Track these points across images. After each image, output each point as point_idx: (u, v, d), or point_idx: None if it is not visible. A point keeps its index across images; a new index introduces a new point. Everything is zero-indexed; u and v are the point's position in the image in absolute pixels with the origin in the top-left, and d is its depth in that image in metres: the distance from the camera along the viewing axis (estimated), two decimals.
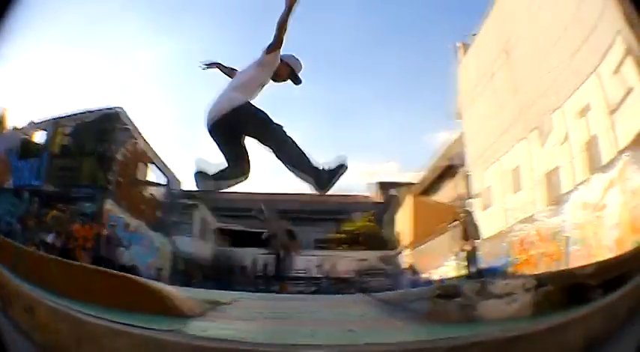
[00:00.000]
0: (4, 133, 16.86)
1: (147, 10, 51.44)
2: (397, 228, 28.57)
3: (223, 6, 49.60)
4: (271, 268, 27.10)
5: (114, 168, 18.05)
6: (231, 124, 4.21)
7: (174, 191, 24.24)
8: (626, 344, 2.37)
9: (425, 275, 21.18)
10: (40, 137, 17.74)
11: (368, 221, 33.43)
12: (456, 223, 16.73)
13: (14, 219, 14.69)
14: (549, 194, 12.67)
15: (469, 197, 19.24)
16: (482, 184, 17.80)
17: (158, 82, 49.96)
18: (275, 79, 4.61)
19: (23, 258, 4.31)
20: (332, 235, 33.14)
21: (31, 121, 17.45)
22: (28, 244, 12.19)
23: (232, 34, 52.00)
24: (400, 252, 26.74)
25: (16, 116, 17.32)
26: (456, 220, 16.83)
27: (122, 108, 18.92)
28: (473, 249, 15.16)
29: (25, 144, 17.28)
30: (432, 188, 27.78)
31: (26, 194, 15.54)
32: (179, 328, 3.29)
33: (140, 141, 20.38)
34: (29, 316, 2.33)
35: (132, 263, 16.96)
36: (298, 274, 27.76)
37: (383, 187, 35.53)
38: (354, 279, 27.23)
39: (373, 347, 2.91)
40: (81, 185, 16.84)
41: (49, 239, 14.53)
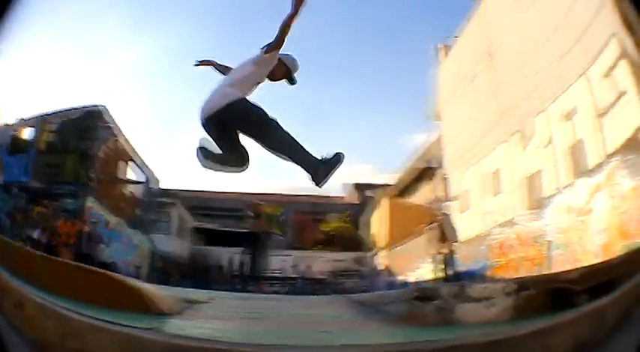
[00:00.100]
0: None
1: (127, 9, 51.14)
2: (373, 230, 28.70)
3: (203, 4, 49.38)
4: (247, 267, 27.33)
5: (95, 165, 18.42)
6: (225, 119, 4.22)
7: (152, 189, 24.49)
8: (616, 351, 2.29)
9: (401, 277, 21.27)
10: (28, 134, 18.10)
11: (343, 222, 33.56)
12: (433, 225, 16.77)
13: (3, 215, 14.83)
14: (530, 198, 12.75)
15: (447, 199, 19.34)
16: (460, 187, 17.89)
17: (137, 80, 49.60)
18: (271, 78, 4.61)
19: (12, 253, 4.48)
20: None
21: (21, 118, 17.71)
22: (17, 239, 12.47)
23: (212, 32, 51.94)
24: (376, 254, 26.83)
25: (7, 112, 17.25)
26: (433, 222, 16.88)
27: (104, 106, 19.26)
28: (450, 252, 15.25)
29: (14, 140, 17.53)
30: (409, 190, 27.97)
31: (15, 190, 15.76)
32: (157, 326, 3.41)
33: (121, 139, 20.67)
34: (19, 311, 2.35)
35: (111, 260, 17.33)
36: (274, 274, 28.19)
37: (359, 188, 35.63)
38: (329, 280, 27.41)
39: (350, 348, 2.92)
40: (64, 182, 17.11)
41: (35, 234, 14.83)
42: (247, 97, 4.39)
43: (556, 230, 10.86)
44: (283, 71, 4.58)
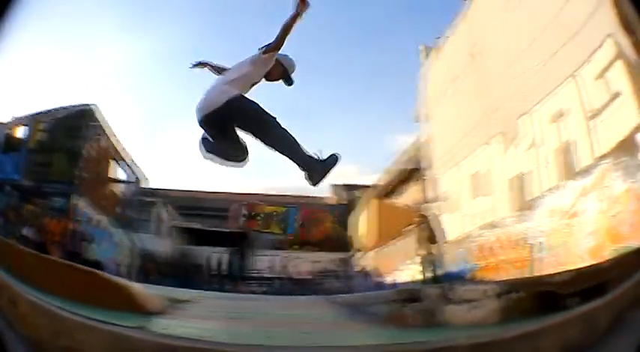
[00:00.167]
0: None
1: (117, 9, 50.89)
2: (357, 231, 28.74)
3: (192, 5, 49.27)
4: (228, 267, 27.37)
5: (82, 164, 18.57)
6: (224, 116, 4.24)
7: (138, 188, 24.73)
8: None
9: (384, 278, 21.30)
10: (21, 132, 18.30)
11: (330, 222, 33.55)
12: (420, 226, 16.77)
13: None
14: (513, 200, 12.75)
15: (433, 200, 19.37)
16: (444, 188, 17.90)
17: (126, 80, 49.34)
18: (268, 78, 4.66)
19: (5, 251, 4.56)
20: (286, 237, 33.22)
21: (14, 116, 18.07)
22: (10, 237, 12.92)
23: (202, 33, 51.61)
24: (360, 255, 26.84)
25: (1, 111, 18.26)
26: (420, 223, 16.89)
27: (94, 105, 19.49)
28: (435, 253, 15.23)
29: (8, 138, 17.77)
30: (395, 191, 28.01)
31: (7, 188, 16.03)
32: (144, 325, 3.45)
33: (109, 138, 20.90)
34: (13, 308, 2.42)
35: (95, 258, 17.45)
36: (258, 274, 28.56)
37: (345, 189, 35.63)
38: (313, 280, 27.49)
39: (334, 349, 2.85)
40: (53, 180, 17.31)
41: (25, 232, 15.01)
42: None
43: (540, 233, 10.89)
44: (280, 71, 4.62)
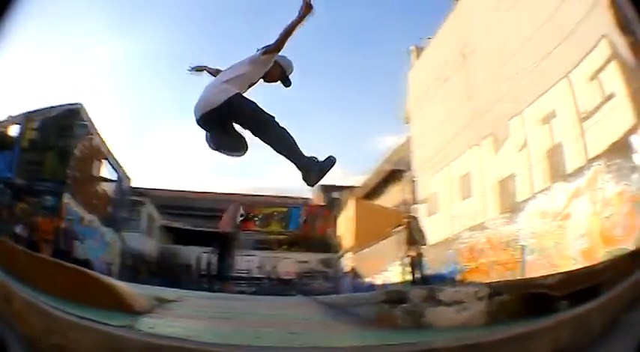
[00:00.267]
0: None
1: (104, 8, 50.69)
2: (340, 231, 28.78)
3: (180, 7, 49.21)
4: (217, 267, 27.50)
5: (73, 162, 18.84)
6: (222, 115, 4.32)
7: (124, 187, 24.95)
8: None
9: (368, 279, 21.37)
10: (13, 130, 18.45)
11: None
12: (401, 228, 16.82)
13: None
14: (503, 201, 12.82)
15: (415, 202, 19.45)
16: (429, 189, 17.97)
17: (113, 79, 49.26)
18: (266, 80, 4.76)
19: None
20: (273, 236, 33.27)
21: (7, 115, 18.18)
22: (3, 235, 12.76)
23: (189, 34, 51.87)
24: (342, 255, 26.88)
25: None
26: (401, 225, 16.93)
27: (81, 104, 19.76)
28: (418, 255, 15.29)
29: (1, 136, 17.96)
30: (377, 192, 28.22)
31: (1, 186, 16.24)
32: (130, 324, 3.46)
33: (98, 137, 21.21)
34: (8, 306, 2.39)
35: (85, 257, 17.76)
36: (245, 274, 28.72)
37: (325, 190, 35.68)
38: (296, 281, 27.64)
39: (324, 351, 2.86)
40: (44, 179, 17.53)
41: (19, 230, 15.18)
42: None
43: (530, 234, 10.94)
44: (279, 73, 4.73)
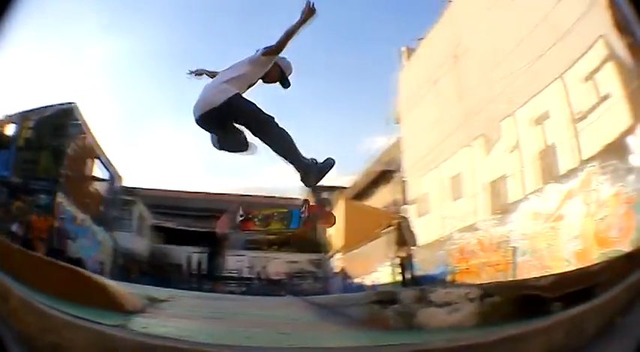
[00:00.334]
0: None
1: (100, 9, 50.62)
2: (329, 232, 28.76)
3: (174, 7, 49.09)
4: (208, 267, 27.65)
5: (67, 162, 18.90)
6: (222, 115, 4.31)
7: (116, 186, 24.94)
8: None
9: (358, 280, 21.35)
10: (10, 129, 18.48)
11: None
12: (391, 229, 16.83)
13: None
14: (494, 203, 12.80)
15: (405, 202, 19.45)
16: (420, 190, 17.95)
17: (107, 79, 49.11)
18: (265, 80, 4.73)
19: None
20: (263, 236, 33.24)
21: (3, 114, 18.20)
22: (0, 233, 13.05)
23: (183, 34, 51.42)
24: (332, 256, 26.87)
25: None
26: (391, 225, 16.94)
27: (75, 103, 19.77)
28: (408, 256, 15.31)
29: None
30: (366, 192, 28.22)
31: None
32: (123, 323, 3.52)
33: (91, 136, 21.25)
34: (4, 304, 2.45)
35: (78, 255, 17.75)
36: (235, 274, 29.24)
37: (315, 190, 35.66)
38: (286, 281, 27.73)
39: (313, 351, 2.79)
40: (39, 178, 17.60)
41: (14, 229, 15.27)
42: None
43: (522, 236, 10.94)
44: (278, 74, 4.70)
